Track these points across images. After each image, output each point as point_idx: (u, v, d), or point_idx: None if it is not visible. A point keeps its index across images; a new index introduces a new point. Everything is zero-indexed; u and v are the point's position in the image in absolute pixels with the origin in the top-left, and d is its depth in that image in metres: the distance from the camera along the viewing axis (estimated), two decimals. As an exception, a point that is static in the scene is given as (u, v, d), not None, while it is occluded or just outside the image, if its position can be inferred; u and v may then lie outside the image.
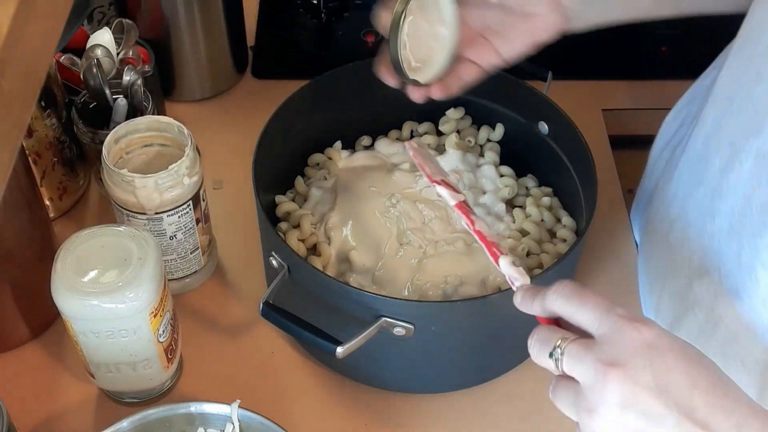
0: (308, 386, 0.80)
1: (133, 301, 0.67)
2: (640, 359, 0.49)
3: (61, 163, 0.88)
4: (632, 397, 0.48)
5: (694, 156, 0.72)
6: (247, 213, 0.84)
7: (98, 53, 0.86)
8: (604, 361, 0.49)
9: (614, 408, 0.49)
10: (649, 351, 0.49)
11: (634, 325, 0.50)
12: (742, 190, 0.64)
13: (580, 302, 0.52)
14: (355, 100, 0.88)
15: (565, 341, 0.52)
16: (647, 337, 0.49)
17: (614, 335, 0.50)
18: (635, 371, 0.49)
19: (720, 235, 0.67)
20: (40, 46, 0.45)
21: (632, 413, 0.49)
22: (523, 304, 0.57)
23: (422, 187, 0.85)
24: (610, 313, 0.51)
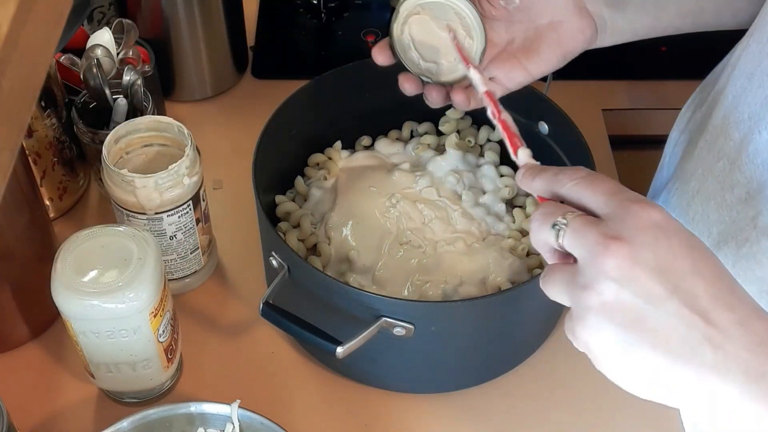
0: (308, 386, 0.80)
1: (133, 301, 0.67)
2: (644, 236, 0.47)
3: (61, 163, 0.88)
4: (631, 275, 0.46)
5: (713, 132, 0.73)
6: (247, 213, 0.84)
7: (98, 53, 0.86)
8: (607, 235, 0.47)
9: (611, 283, 0.47)
10: (654, 231, 0.47)
11: (642, 206, 0.48)
12: (760, 159, 0.65)
13: (591, 184, 0.50)
14: (355, 100, 0.88)
15: (571, 214, 0.49)
16: (655, 218, 0.47)
17: (621, 213, 0.48)
18: (638, 248, 0.46)
19: (738, 205, 0.68)
20: (40, 46, 0.45)
21: (629, 292, 0.46)
22: (524, 181, 0.55)
23: (422, 187, 0.85)
24: (618, 195, 0.49)
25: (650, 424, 0.78)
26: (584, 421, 0.78)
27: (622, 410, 0.78)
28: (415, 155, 0.89)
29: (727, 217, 0.69)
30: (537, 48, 0.69)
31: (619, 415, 0.78)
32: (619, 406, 0.78)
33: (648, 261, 0.46)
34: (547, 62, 0.70)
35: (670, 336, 0.46)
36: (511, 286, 0.77)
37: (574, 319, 0.50)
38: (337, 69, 0.86)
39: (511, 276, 0.79)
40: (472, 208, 0.84)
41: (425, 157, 0.88)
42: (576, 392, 0.80)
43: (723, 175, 0.70)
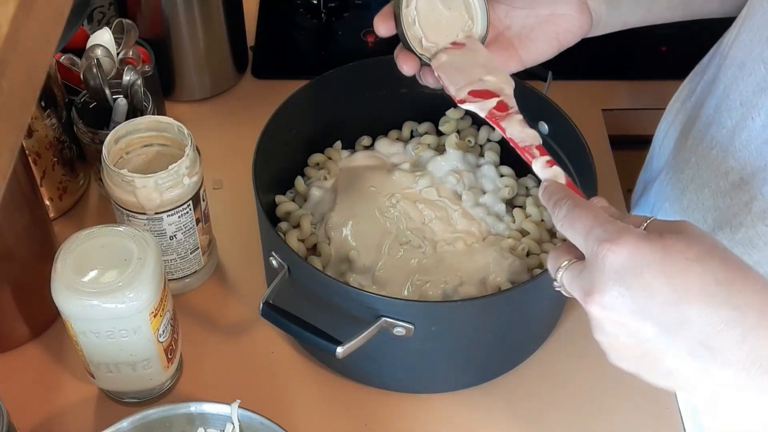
0: (308, 386, 0.80)
1: (133, 301, 0.67)
2: (614, 285, 0.48)
3: (61, 163, 0.88)
4: (616, 324, 0.49)
5: (706, 121, 0.73)
6: (247, 213, 0.84)
7: (98, 53, 0.86)
8: (584, 289, 0.50)
9: (606, 336, 0.50)
10: (623, 274, 0.48)
11: (609, 247, 0.48)
12: (754, 145, 0.65)
13: (571, 227, 0.52)
14: (355, 100, 0.88)
15: (565, 265, 0.52)
16: (620, 259, 0.48)
17: (593, 261, 0.49)
18: (612, 299, 0.48)
19: (732, 191, 0.68)
20: (40, 46, 0.45)
21: (623, 337, 0.49)
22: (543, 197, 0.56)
23: (422, 187, 0.85)
24: (590, 236, 0.50)
25: (650, 424, 0.78)
26: (584, 421, 0.78)
27: (621, 410, 0.78)
28: (415, 155, 0.89)
29: (722, 203, 0.70)
30: (534, 38, 0.69)
31: (618, 414, 0.78)
32: (618, 406, 0.78)
33: (623, 306, 0.48)
34: (542, 53, 0.70)
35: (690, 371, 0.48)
36: (511, 286, 0.77)
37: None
38: (337, 69, 0.86)
39: (511, 276, 0.79)
40: (472, 208, 0.84)
41: (425, 157, 0.88)
42: (576, 392, 0.80)
43: (716, 163, 0.71)
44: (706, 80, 0.77)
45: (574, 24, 0.69)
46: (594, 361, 0.81)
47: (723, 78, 0.72)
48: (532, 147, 0.61)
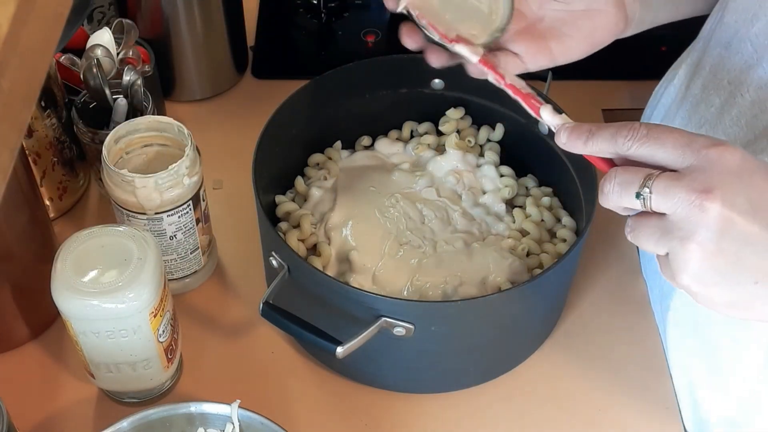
0: (308, 386, 0.80)
1: (133, 301, 0.67)
2: (733, 183, 0.49)
3: (61, 163, 0.88)
4: (730, 221, 0.49)
5: (693, 102, 0.74)
6: (247, 213, 0.84)
7: (98, 53, 0.86)
8: (697, 189, 0.49)
9: (711, 234, 0.49)
10: (738, 173, 0.49)
11: (719, 151, 0.50)
12: (744, 120, 0.66)
13: (658, 142, 0.51)
14: (355, 100, 0.88)
15: (652, 177, 0.51)
16: (735, 160, 0.49)
17: (702, 163, 0.50)
18: (731, 195, 0.49)
19: None
20: (40, 46, 0.45)
21: (729, 237, 0.49)
22: (571, 144, 0.55)
23: (422, 187, 0.85)
24: (692, 145, 0.50)
25: (650, 424, 0.78)
26: (584, 421, 0.78)
27: (621, 410, 0.78)
28: (415, 155, 0.89)
29: None
30: (569, 33, 0.67)
31: (618, 414, 0.78)
32: (618, 406, 0.78)
33: (740, 204, 0.49)
34: (575, 50, 0.68)
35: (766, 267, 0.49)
36: (511, 286, 0.77)
37: (675, 269, 0.51)
38: (337, 69, 0.86)
39: (511, 276, 0.79)
40: (472, 208, 0.84)
41: (425, 157, 0.88)
42: (575, 392, 0.80)
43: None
44: (690, 63, 0.78)
45: (610, 21, 0.68)
46: (594, 361, 0.81)
47: (708, 59, 0.72)
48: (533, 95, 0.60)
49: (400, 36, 0.65)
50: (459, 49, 0.63)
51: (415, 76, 0.88)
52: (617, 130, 0.53)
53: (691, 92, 0.76)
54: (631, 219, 0.54)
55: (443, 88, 0.89)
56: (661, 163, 0.51)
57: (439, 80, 0.89)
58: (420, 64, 0.69)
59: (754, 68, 0.66)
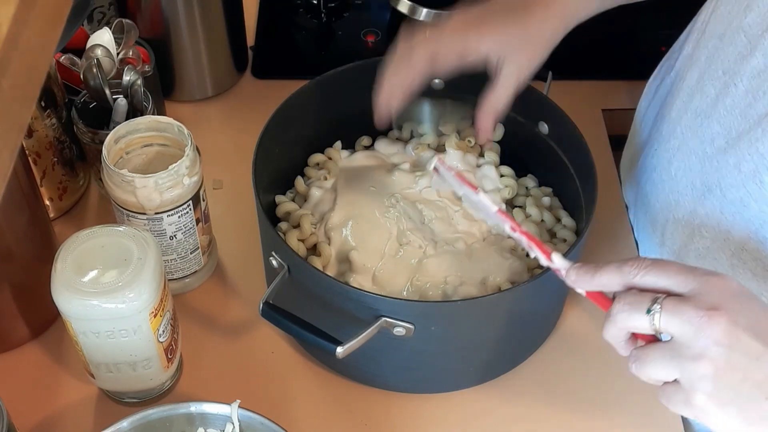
0: (308, 386, 0.80)
1: (133, 301, 0.67)
2: (734, 303, 0.52)
3: (61, 163, 0.88)
4: (736, 337, 0.51)
5: (689, 92, 0.76)
6: (247, 213, 0.84)
7: (98, 53, 0.86)
8: (704, 307, 0.52)
9: (721, 349, 0.51)
10: (739, 296, 0.53)
11: (720, 277, 0.53)
12: (738, 109, 0.68)
13: (663, 270, 0.55)
14: (355, 100, 0.88)
15: (660, 298, 0.54)
16: (734, 286, 0.53)
17: (705, 287, 0.53)
18: (734, 313, 0.52)
19: (718, 155, 0.70)
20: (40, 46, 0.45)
21: (738, 352, 0.51)
22: (580, 280, 0.59)
23: (422, 187, 0.85)
24: (694, 272, 0.54)
25: (650, 424, 0.78)
26: (584, 421, 0.78)
27: (621, 410, 0.78)
28: (415, 155, 0.89)
29: (710, 167, 0.72)
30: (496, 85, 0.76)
31: (618, 414, 0.78)
32: (618, 406, 0.78)
33: (744, 323, 0.52)
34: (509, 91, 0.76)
35: None
36: (511, 286, 0.77)
37: (690, 389, 0.53)
38: (337, 69, 0.86)
39: (511, 276, 0.79)
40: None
41: (425, 157, 0.88)
42: (576, 392, 0.80)
43: (702, 130, 0.73)
44: (685, 55, 0.80)
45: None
46: (594, 361, 0.81)
47: (703, 50, 0.74)
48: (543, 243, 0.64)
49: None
50: (482, 198, 0.68)
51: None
52: (623, 263, 0.56)
53: (686, 83, 0.77)
54: (635, 350, 0.56)
55: (443, 88, 0.89)
56: (665, 289, 0.54)
57: (439, 80, 0.89)
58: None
59: (747, 58, 0.67)
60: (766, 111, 0.65)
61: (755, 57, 0.67)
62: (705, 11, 0.78)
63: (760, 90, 0.66)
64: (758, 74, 0.66)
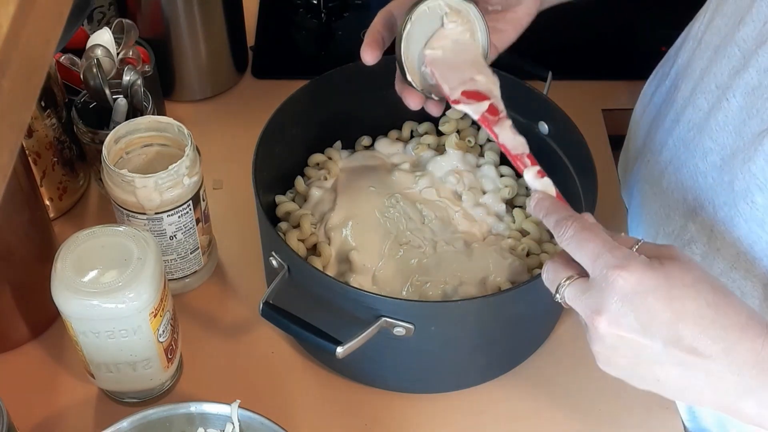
0: (308, 386, 0.80)
1: (133, 301, 0.67)
2: (620, 306, 0.54)
3: (61, 163, 0.88)
4: (618, 339, 0.54)
5: (682, 104, 0.76)
6: (247, 213, 0.84)
7: (98, 53, 0.86)
8: (591, 308, 0.55)
9: (605, 348, 0.55)
10: (630, 296, 0.53)
11: (615, 274, 0.54)
12: (732, 126, 0.68)
13: (579, 246, 0.56)
14: (355, 100, 0.88)
15: (567, 282, 0.57)
16: (629, 284, 0.53)
17: (600, 283, 0.54)
18: (617, 316, 0.54)
19: (712, 171, 0.70)
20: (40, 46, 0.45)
21: (625, 350, 0.55)
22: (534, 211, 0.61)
23: (422, 187, 0.85)
24: (599, 260, 0.55)
25: (650, 423, 0.78)
26: (584, 421, 0.78)
27: (621, 409, 0.78)
28: (415, 155, 0.89)
29: (703, 183, 0.72)
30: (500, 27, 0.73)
31: (618, 414, 0.78)
32: (618, 406, 0.78)
33: (629, 324, 0.54)
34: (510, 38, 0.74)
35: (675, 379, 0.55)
36: (511, 286, 0.77)
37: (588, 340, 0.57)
38: (337, 69, 0.86)
39: (511, 276, 0.79)
40: (473, 208, 0.84)
41: (425, 157, 0.88)
42: (576, 392, 0.80)
43: (694, 144, 0.73)
44: (680, 64, 0.79)
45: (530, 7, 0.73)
46: (593, 361, 0.81)
47: (698, 62, 0.74)
48: (524, 155, 0.65)
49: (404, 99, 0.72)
50: (462, 107, 0.68)
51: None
52: (559, 221, 0.58)
53: (680, 94, 0.77)
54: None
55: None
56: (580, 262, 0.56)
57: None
58: (420, 64, 0.69)
59: (740, 73, 0.67)
60: (760, 129, 0.65)
61: (749, 72, 0.66)
62: (700, 19, 0.78)
63: (754, 107, 0.65)
64: (752, 91, 0.66)
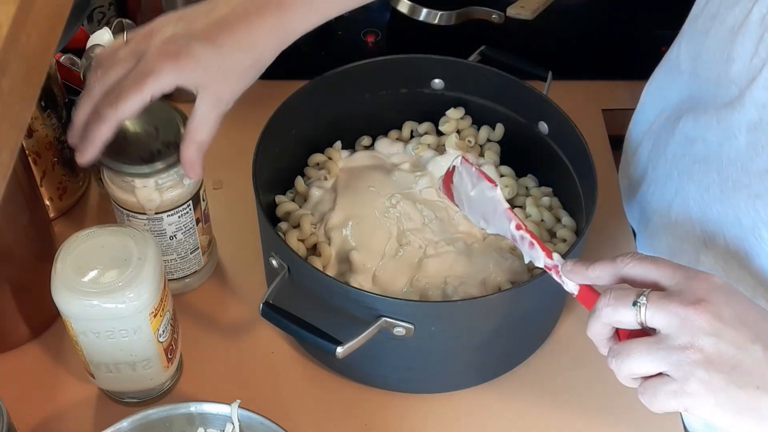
0: (308, 386, 0.80)
1: (133, 301, 0.67)
2: (718, 296, 0.53)
3: (61, 163, 0.88)
4: (721, 328, 0.53)
5: (685, 135, 0.75)
6: (247, 213, 0.84)
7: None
8: (688, 301, 0.53)
9: (708, 338, 0.53)
10: (724, 290, 0.54)
11: (704, 274, 0.55)
12: (740, 162, 0.67)
13: (653, 262, 0.56)
14: (355, 100, 0.88)
15: (646, 291, 0.55)
16: (718, 282, 0.55)
17: (690, 282, 0.54)
18: (718, 306, 0.53)
19: (719, 205, 0.70)
20: (40, 46, 0.45)
21: (724, 342, 0.52)
22: (575, 273, 0.60)
23: (422, 187, 0.85)
24: (681, 267, 0.56)
25: (650, 423, 0.78)
26: (584, 421, 0.78)
27: (621, 410, 0.78)
28: (415, 155, 0.89)
29: (711, 216, 0.71)
30: None
31: (618, 414, 0.78)
32: (618, 406, 0.78)
33: (729, 315, 0.53)
34: None
35: (765, 375, 0.53)
36: (511, 286, 0.77)
37: (681, 380, 0.54)
38: (337, 69, 0.86)
39: (511, 276, 0.79)
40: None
41: (425, 157, 0.88)
42: (576, 392, 0.80)
43: (699, 177, 0.72)
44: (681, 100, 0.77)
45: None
46: (594, 361, 0.81)
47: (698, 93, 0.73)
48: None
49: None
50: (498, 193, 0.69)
51: (415, 76, 0.88)
52: (617, 255, 0.58)
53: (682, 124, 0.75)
54: (615, 345, 0.57)
55: (443, 88, 0.90)
56: (654, 280, 0.56)
57: (439, 80, 0.89)
58: (420, 64, 0.69)
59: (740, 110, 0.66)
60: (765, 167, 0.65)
61: (748, 109, 0.66)
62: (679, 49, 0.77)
63: (759, 144, 0.65)
64: (754, 127, 0.65)
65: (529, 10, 1.02)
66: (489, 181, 0.68)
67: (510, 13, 1.04)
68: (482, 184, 0.68)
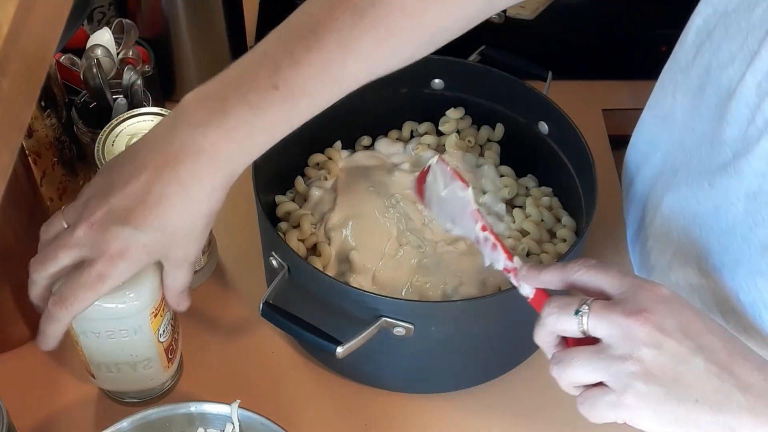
0: (308, 386, 0.80)
1: (134, 300, 0.67)
2: (661, 307, 0.53)
3: (61, 163, 0.88)
4: (661, 339, 0.52)
5: (680, 194, 0.72)
6: (247, 213, 0.84)
7: (98, 53, 0.86)
8: (630, 311, 0.53)
9: (647, 349, 0.52)
10: (668, 301, 0.53)
11: (651, 284, 0.54)
12: (739, 231, 0.65)
13: (603, 271, 0.56)
14: (355, 100, 0.88)
15: (589, 300, 0.55)
16: (664, 292, 0.54)
17: (635, 291, 0.54)
18: (661, 317, 0.52)
19: (714, 274, 0.68)
20: (40, 46, 0.45)
21: (663, 354, 0.52)
22: (529, 277, 0.61)
23: (422, 187, 0.85)
24: (629, 277, 0.55)
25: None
26: (584, 421, 0.78)
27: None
28: (415, 155, 0.89)
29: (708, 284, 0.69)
30: None
31: (619, 415, 0.78)
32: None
33: (671, 326, 0.52)
34: None
35: (705, 388, 0.52)
36: (511, 286, 0.77)
37: (620, 391, 0.53)
38: (337, 69, 0.85)
39: (511, 276, 0.79)
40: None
41: (425, 157, 0.88)
42: (576, 392, 0.80)
43: (700, 243, 0.70)
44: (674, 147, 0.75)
45: None
46: (594, 361, 0.81)
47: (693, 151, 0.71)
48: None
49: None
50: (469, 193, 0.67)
51: (415, 76, 0.88)
52: (569, 261, 0.58)
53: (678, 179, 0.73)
54: (557, 352, 0.57)
55: (443, 88, 0.90)
56: (601, 288, 0.56)
57: (439, 80, 0.89)
58: (420, 64, 0.69)
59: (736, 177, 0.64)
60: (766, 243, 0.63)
61: (745, 176, 0.63)
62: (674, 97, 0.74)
63: (759, 215, 0.63)
64: (753, 196, 0.63)
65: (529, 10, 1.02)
66: (462, 181, 0.68)
67: (510, 13, 1.04)
68: (455, 183, 0.68)
